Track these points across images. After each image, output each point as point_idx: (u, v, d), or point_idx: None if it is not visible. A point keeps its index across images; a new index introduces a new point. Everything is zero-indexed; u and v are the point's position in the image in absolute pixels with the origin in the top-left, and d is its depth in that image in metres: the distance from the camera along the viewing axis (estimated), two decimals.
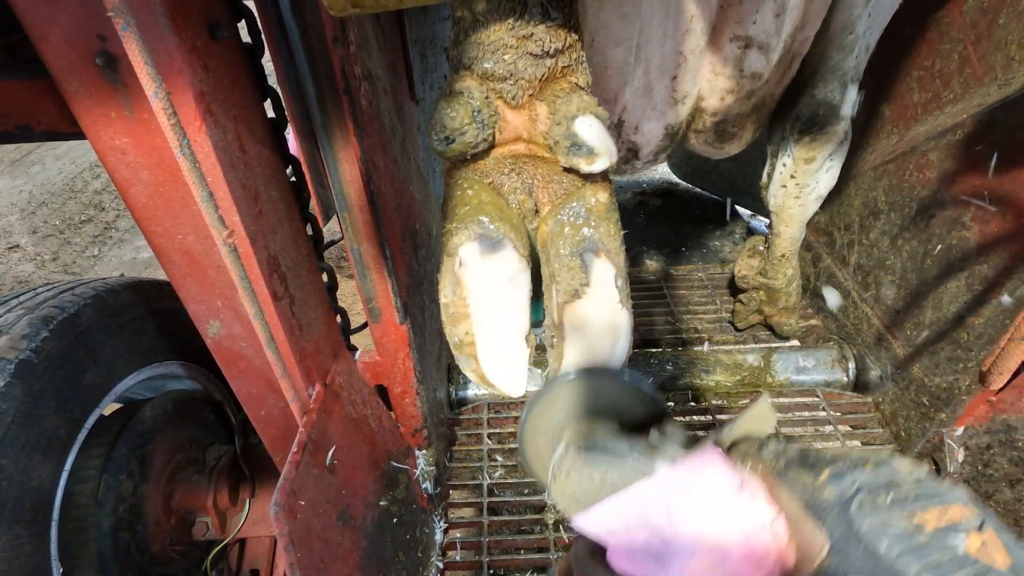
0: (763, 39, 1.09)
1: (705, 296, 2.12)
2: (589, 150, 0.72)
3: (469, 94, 0.73)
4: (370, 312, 1.07)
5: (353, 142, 0.84)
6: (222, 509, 1.37)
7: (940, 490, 0.39)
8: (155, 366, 1.31)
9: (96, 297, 1.18)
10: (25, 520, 0.98)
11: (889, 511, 0.39)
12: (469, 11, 0.71)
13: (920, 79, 1.40)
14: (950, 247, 1.31)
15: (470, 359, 0.79)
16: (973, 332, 1.25)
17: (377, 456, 1.15)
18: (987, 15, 1.20)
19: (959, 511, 0.38)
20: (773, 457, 0.48)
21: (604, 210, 0.77)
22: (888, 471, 0.41)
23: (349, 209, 0.91)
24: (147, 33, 0.59)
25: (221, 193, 0.71)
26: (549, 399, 0.70)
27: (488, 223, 0.75)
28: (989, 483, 1.25)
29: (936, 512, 0.38)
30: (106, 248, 3.57)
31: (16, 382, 0.98)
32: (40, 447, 1.01)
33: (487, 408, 1.71)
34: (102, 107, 0.66)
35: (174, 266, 0.82)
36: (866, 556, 0.38)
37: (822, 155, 1.33)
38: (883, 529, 0.38)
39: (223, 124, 0.71)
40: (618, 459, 0.58)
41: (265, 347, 0.83)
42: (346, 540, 0.98)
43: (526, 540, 1.41)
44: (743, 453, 0.53)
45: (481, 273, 0.75)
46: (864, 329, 1.64)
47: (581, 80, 0.77)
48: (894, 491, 0.40)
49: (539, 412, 0.71)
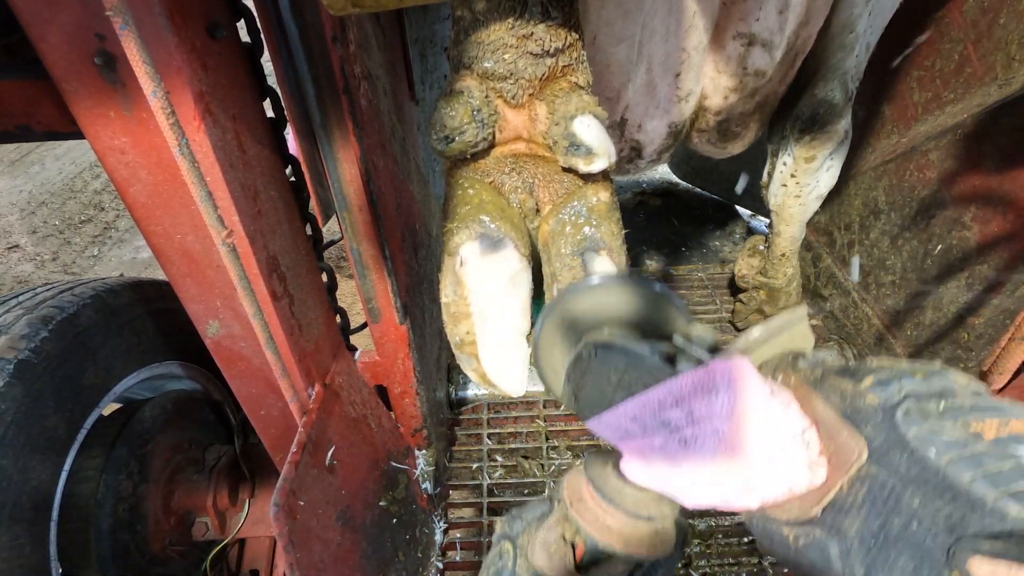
0: (766, 36, 1.08)
1: (705, 296, 2.11)
2: (587, 150, 0.72)
3: (469, 93, 0.73)
4: (370, 312, 1.07)
5: (353, 142, 0.84)
6: (222, 509, 1.37)
7: (1000, 404, 0.36)
8: (154, 366, 1.31)
9: (95, 297, 1.18)
10: (25, 520, 0.98)
11: (941, 418, 0.36)
12: (469, 10, 0.70)
13: (920, 79, 1.40)
14: (950, 247, 1.31)
15: (471, 358, 0.79)
16: (973, 332, 1.25)
17: (377, 456, 1.15)
18: (987, 15, 1.20)
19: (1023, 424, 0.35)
20: (809, 367, 0.46)
21: (605, 209, 0.77)
22: (941, 380, 0.38)
23: (349, 209, 0.91)
24: (146, 32, 0.59)
25: (220, 193, 0.71)
26: (568, 304, 0.64)
27: (489, 222, 0.75)
28: None
29: (996, 423, 0.35)
30: (106, 248, 3.57)
31: (15, 382, 0.98)
32: (40, 447, 1.01)
33: (487, 408, 1.71)
34: (101, 107, 0.66)
35: (173, 266, 0.81)
36: (912, 463, 0.35)
37: (823, 154, 1.32)
38: (933, 436, 0.35)
39: (222, 124, 0.71)
40: (638, 359, 0.54)
41: (264, 347, 0.83)
42: (346, 540, 0.98)
43: None
44: (774, 366, 0.50)
45: (482, 272, 0.75)
46: (864, 329, 1.64)
47: (581, 79, 0.77)
48: (947, 400, 0.37)
49: (557, 317, 0.65)
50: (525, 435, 1.65)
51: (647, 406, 0.50)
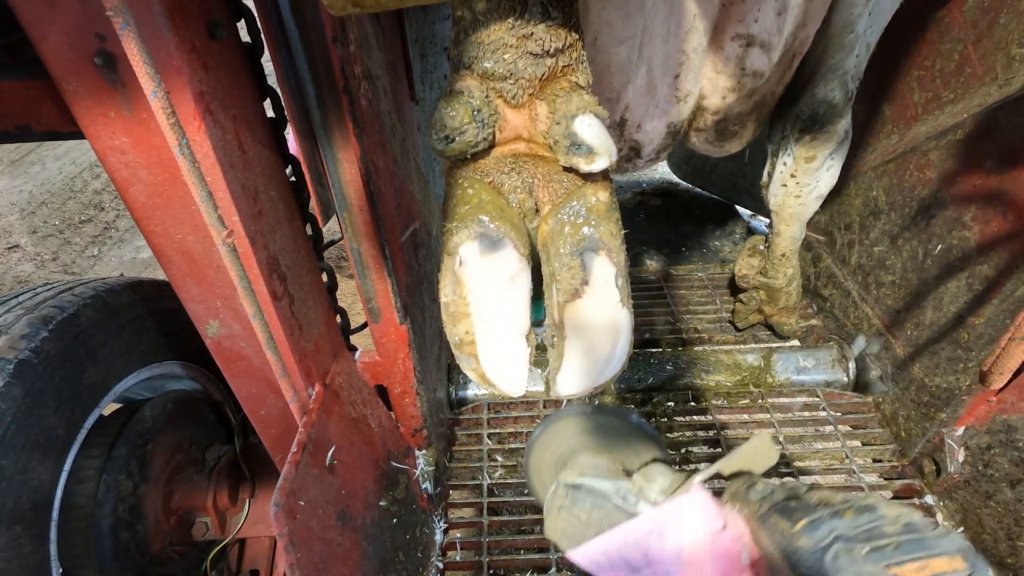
0: (764, 37, 1.09)
1: (705, 296, 2.11)
2: (588, 149, 0.72)
3: (469, 93, 0.73)
4: (370, 312, 1.07)
5: (353, 142, 0.84)
6: (222, 509, 1.37)
7: (928, 539, 0.38)
8: (154, 366, 1.31)
9: (96, 297, 1.18)
10: (25, 520, 0.98)
11: (864, 562, 0.38)
12: (469, 10, 0.70)
13: (920, 79, 1.40)
14: (950, 247, 1.31)
15: (470, 358, 0.79)
16: (973, 332, 1.25)
17: (377, 456, 1.15)
18: (987, 15, 1.20)
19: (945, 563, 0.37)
20: (758, 500, 0.50)
21: (605, 209, 0.77)
22: (871, 518, 0.41)
23: (349, 209, 0.91)
24: (146, 32, 0.59)
25: (220, 193, 0.71)
26: (552, 432, 0.73)
27: (488, 222, 0.75)
28: (990, 483, 1.25)
29: (915, 566, 0.37)
30: (106, 248, 3.57)
31: (15, 382, 0.98)
32: (40, 447, 1.01)
33: (487, 408, 1.71)
34: (101, 107, 0.66)
35: (173, 266, 0.82)
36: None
37: (823, 154, 1.32)
38: None
39: (222, 124, 0.71)
40: (603, 500, 0.61)
41: (264, 347, 0.83)
42: (346, 540, 0.98)
43: (526, 540, 1.41)
44: (733, 492, 0.54)
45: (481, 272, 0.75)
46: (864, 329, 1.64)
47: (581, 79, 0.77)
48: (874, 541, 0.39)
49: (542, 445, 0.74)
50: (525, 435, 1.66)
51: (612, 544, 0.56)
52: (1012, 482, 1.20)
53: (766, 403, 1.66)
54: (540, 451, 0.74)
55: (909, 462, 1.46)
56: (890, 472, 1.47)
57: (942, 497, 1.37)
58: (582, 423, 0.73)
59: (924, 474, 1.41)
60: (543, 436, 0.74)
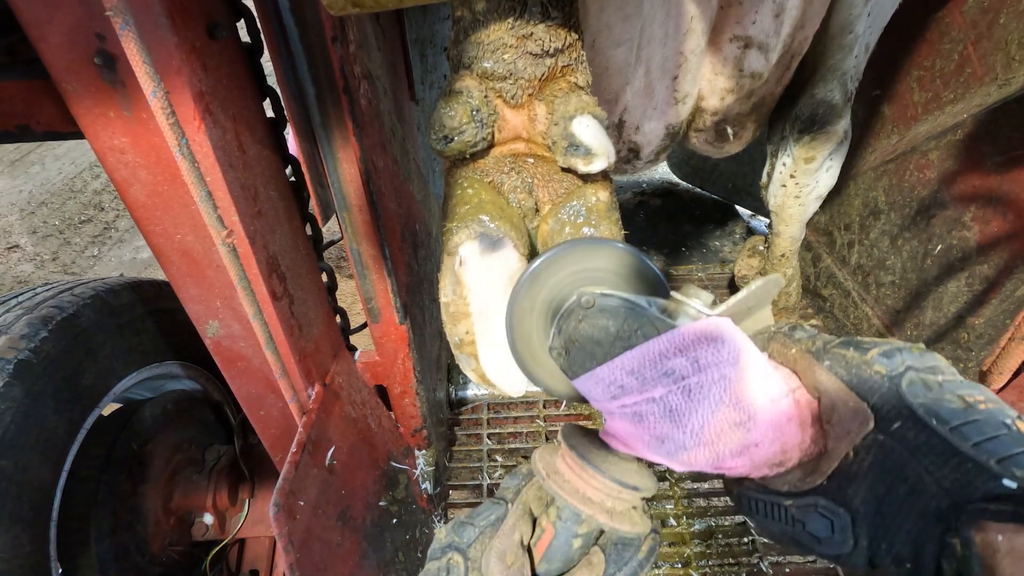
0: (762, 39, 1.09)
1: None
2: (586, 150, 0.72)
3: (468, 93, 0.73)
4: (370, 312, 1.07)
5: (353, 142, 0.84)
6: (221, 509, 1.37)
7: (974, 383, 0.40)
8: (154, 366, 1.31)
9: (95, 297, 1.18)
10: (25, 520, 0.98)
11: (942, 389, 0.38)
12: (469, 10, 0.70)
13: (920, 79, 1.40)
14: (950, 247, 1.31)
15: (470, 358, 0.79)
16: (973, 332, 1.25)
17: (377, 456, 1.15)
18: (987, 15, 1.20)
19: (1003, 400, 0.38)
20: (809, 337, 0.47)
21: (605, 209, 0.77)
22: (933, 358, 0.41)
23: (349, 209, 0.91)
24: (146, 32, 0.59)
25: (220, 193, 0.71)
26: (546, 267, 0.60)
27: (488, 222, 0.75)
28: None
29: (984, 396, 0.38)
30: (106, 248, 3.57)
31: (15, 382, 0.98)
32: (39, 447, 1.01)
33: (487, 408, 1.71)
34: (101, 107, 0.66)
35: (173, 266, 0.81)
36: (918, 430, 0.37)
37: (822, 154, 1.33)
38: (937, 405, 0.37)
39: (222, 124, 0.71)
40: (638, 310, 0.52)
41: (264, 347, 0.83)
42: (346, 540, 0.98)
43: None
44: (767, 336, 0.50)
45: (481, 272, 0.75)
46: (864, 329, 1.64)
47: (581, 80, 0.77)
48: (943, 375, 0.40)
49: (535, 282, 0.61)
50: (525, 435, 1.66)
51: (647, 357, 0.48)
52: None
53: None
54: (528, 298, 0.61)
55: None
56: None
57: None
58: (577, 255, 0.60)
59: None
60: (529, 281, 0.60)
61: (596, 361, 0.53)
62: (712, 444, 0.46)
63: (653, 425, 0.49)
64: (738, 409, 0.45)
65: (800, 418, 0.45)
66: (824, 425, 0.44)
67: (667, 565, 1.35)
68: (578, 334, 0.55)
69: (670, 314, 0.51)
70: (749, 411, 0.44)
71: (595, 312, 0.54)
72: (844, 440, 0.41)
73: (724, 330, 0.46)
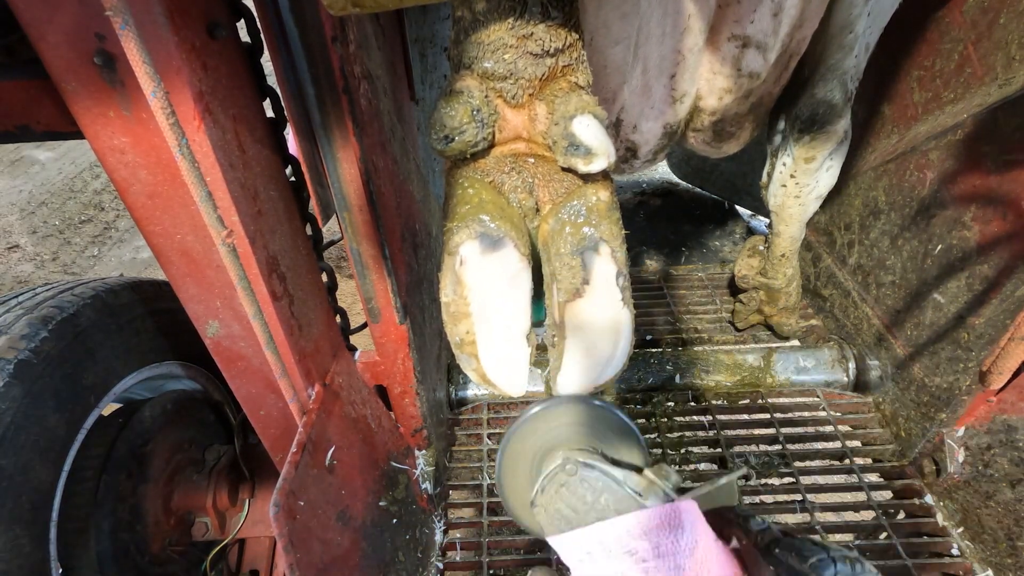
0: (760, 38, 1.09)
1: (705, 296, 2.11)
2: (587, 150, 0.72)
3: (468, 93, 0.73)
4: (370, 312, 1.07)
5: (352, 142, 0.84)
6: (221, 509, 1.37)
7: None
8: (154, 366, 1.31)
9: (95, 297, 1.18)
10: (25, 520, 0.98)
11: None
12: (469, 10, 0.71)
13: (920, 79, 1.40)
14: (950, 247, 1.31)
15: (471, 358, 0.79)
16: (973, 332, 1.25)
17: (377, 456, 1.15)
18: (987, 15, 1.20)
19: None
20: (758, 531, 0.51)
21: (605, 209, 0.77)
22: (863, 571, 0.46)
23: (349, 209, 0.91)
24: (145, 32, 0.59)
25: (220, 193, 0.71)
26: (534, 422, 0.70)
27: (489, 221, 0.75)
28: (989, 483, 1.25)
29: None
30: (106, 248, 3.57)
31: (15, 382, 0.98)
32: (39, 447, 1.01)
33: (487, 408, 1.71)
34: (100, 106, 0.66)
35: (173, 266, 0.81)
36: None
37: (822, 154, 1.32)
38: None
39: (222, 124, 0.71)
40: (615, 484, 0.59)
41: (264, 347, 0.83)
42: (345, 541, 0.98)
43: (526, 540, 1.41)
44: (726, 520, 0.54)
45: (482, 272, 0.75)
46: (864, 329, 1.64)
47: (581, 79, 0.77)
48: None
49: (524, 434, 0.71)
50: None
51: (615, 533, 0.54)
52: (1012, 482, 1.20)
53: (766, 403, 1.66)
54: (523, 437, 0.71)
55: (909, 462, 1.46)
56: (890, 472, 1.47)
57: (942, 497, 1.37)
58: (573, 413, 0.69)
59: (924, 474, 1.41)
60: (520, 430, 0.70)
61: (571, 525, 0.59)
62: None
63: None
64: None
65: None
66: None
67: None
68: (559, 497, 0.62)
69: (641, 493, 0.58)
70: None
71: (576, 481, 0.61)
72: None
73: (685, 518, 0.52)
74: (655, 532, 0.52)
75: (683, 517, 0.51)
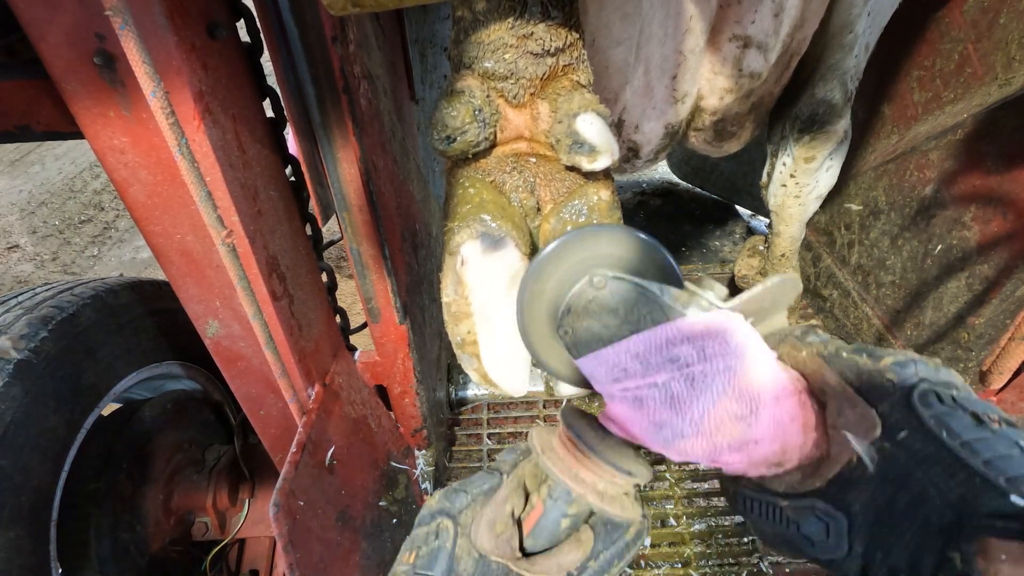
0: (761, 39, 1.09)
1: None
2: (591, 148, 0.71)
3: (470, 93, 0.73)
4: (369, 312, 1.07)
5: (352, 142, 0.84)
6: (221, 509, 1.37)
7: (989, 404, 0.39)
8: (154, 366, 1.31)
9: (95, 297, 1.18)
10: (25, 520, 0.98)
11: (955, 403, 0.38)
12: (469, 10, 0.70)
13: (920, 79, 1.40)
14: (950, 247, 1.31)
15: (472, 358, 0.79)
16: (973, 332, 1.25)
17: (377, 456, 1.15)
18: (987, 15, 1.20)
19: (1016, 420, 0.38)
20: (821, 342, 0.46)
21: (606, 208, 0.77)
22: (949, 374, 0.41)
23: (348, 209, 0.91)
24: (145, 32, 0.59)
25: (220, 193, 0.71)
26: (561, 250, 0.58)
27: (490, 221, 0.75)
28: None
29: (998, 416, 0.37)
30: (105, 248, 3.57)
31: (15, 382, 0.98)
32: (39, 447, 1.01)
33: (487, 408, 1.71)
34: (100, 106, 0.66)
35: (173, 266, 0.81)
36: (925, 441, 0.37)
37: (822, 154, 1.32)
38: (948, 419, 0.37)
39: (222, 123, 0.71)
40: (650, 295, 0.51)
41: (264, 347, 0.83)
42: (345, 540, 0.98)
43: None
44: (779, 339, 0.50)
45: (483, 271, 0.75)
46: (864, 329, 1.64)
47: (583, 78, 0.77)
48: (957, 390, 0.39)
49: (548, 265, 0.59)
50: (525, 435, 1.65)
51: (654, 342, 0.48)
52: None
53: None
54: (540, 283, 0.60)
55: None
56: None
57: None
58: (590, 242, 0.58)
59: None
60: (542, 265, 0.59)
61: (602, 343, 0.52)
62: (711, 435, 0.45)
63: (653, 411, 0.48)
64: (741, 402, 0.44)
65: (804, 420, 0.44)
66: (828, 429, 0.43)
67: (667, 565, 1.35)
68: (588, 314, 0.54)
69: (681, 303, 0.50)
70: (752, 406, 0.44)
71: (606, 294, 0.54)
72: (847, 445, 0.41)
73: (734, 325, 0.46)
74: (700, 337, 0.46)
75: (731, 322, 0.46)
